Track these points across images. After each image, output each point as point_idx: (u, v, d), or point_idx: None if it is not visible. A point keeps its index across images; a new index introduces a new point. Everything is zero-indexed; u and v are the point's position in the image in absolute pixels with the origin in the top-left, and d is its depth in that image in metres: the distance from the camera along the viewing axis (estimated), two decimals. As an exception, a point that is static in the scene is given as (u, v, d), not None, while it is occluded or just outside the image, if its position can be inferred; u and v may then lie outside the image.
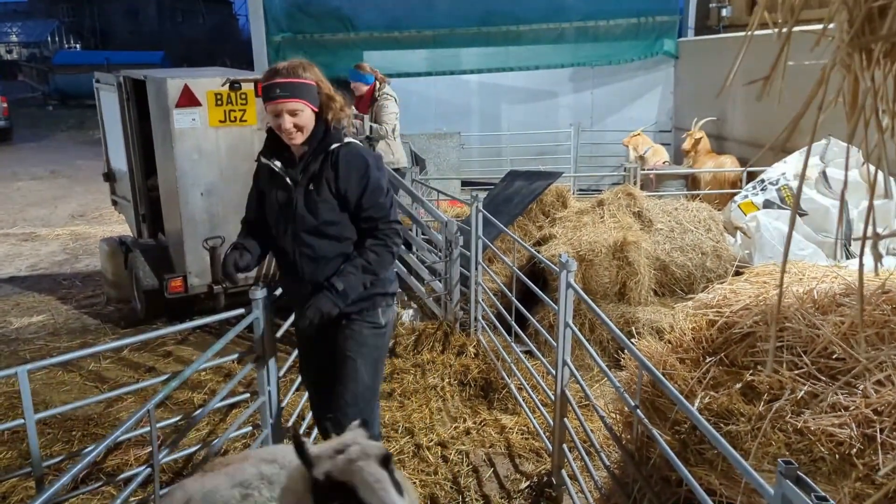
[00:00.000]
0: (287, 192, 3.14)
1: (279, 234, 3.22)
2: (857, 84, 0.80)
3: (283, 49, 12.04)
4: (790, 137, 0.95)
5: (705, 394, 2.63)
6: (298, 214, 3.10)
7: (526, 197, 6.78)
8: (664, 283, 5.79)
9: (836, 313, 2.62)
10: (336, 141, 3.09)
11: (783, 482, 1.57)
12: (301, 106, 2.98)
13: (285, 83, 2.96)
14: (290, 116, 2.96)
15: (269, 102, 2.98)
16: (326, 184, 3.07)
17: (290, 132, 3.00)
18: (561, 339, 3.74)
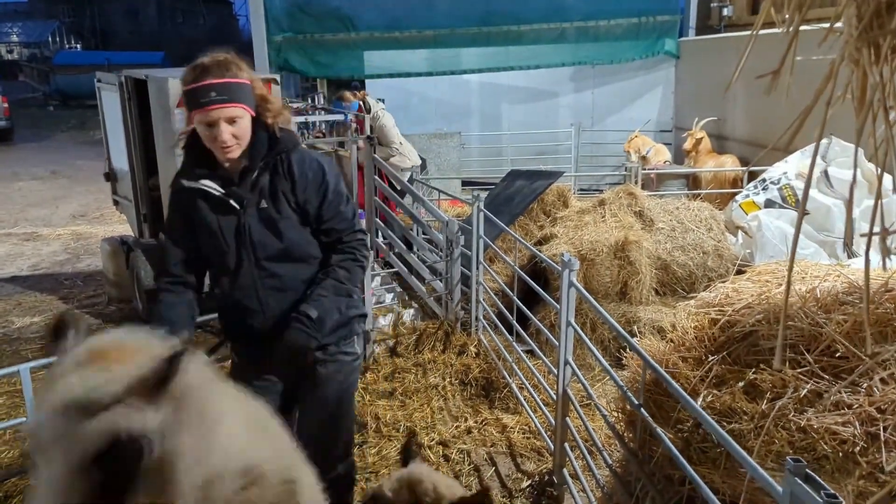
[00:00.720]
0: (234, 217, 2.63)
1: (231, 268, 2.68)
2: (865, 79, 0.80)
3: (284, 49, 12.06)
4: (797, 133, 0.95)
5: (708, 392, 2.63)
6: (256, 240, 2.63)
7: (527, 196, 6.78)
8: (665, 283, 5.79)
9: (840, 312, 2.63)
10: (287, 146, 2.63)
11: (792, 480, 1.57)
12: (241, 112, 2.49)
13: (220, 84, 2.43)
14: (227, 125, 2.46)
15: (200, 110, 2.42)
16: (284, 197, 2.62)
17: (228, 144, 2.49)
18: (563, 338, 3.74)
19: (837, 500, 1.47)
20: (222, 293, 2.77)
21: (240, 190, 2.60)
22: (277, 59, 11.91)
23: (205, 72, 2.43)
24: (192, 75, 2.45)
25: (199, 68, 2.46)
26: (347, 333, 2.86)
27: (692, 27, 12.71)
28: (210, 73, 2.44)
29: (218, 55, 2.52)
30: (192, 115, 2.48)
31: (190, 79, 2.45)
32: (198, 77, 2.43)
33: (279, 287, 2.68)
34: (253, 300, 2.70)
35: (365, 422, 4.61)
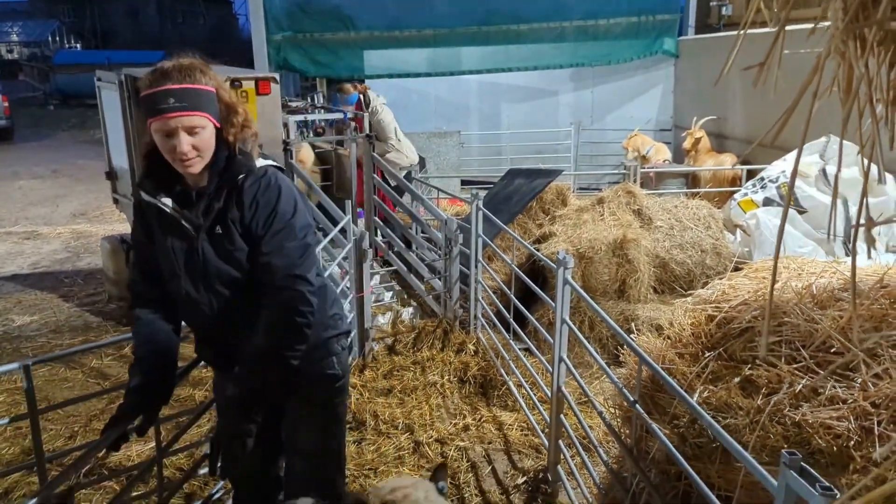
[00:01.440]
0: (187, 240, 2.41)
1: (184, 293, 2.49)
2: (851, 71, 0.81)
3: (284, 48, 12.07)
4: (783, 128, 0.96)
5: (704, 388, 2.64)
6: (211, 269, 2.41)
7: (526, 195, 6.80)
8: (664, 281, 5.81)
9: (835, 308, 2.64)
10: (244, 168, 2.36)
11: (787, 473, 1.58)
12: (202, 121, 2.26)
13: (180, 90, 2.22)
14: (187, 136, 2.24)
15: (157, 117, 2.22)
16: (233, 225, 2.38)
17: (188, 157, 2.27)
18: (558, 336, 3.75)
19: (833, 492, 1.48)
20: (185, 319, 2.64)
21: (193, 212, 2.38)
22: (277, 58, 11.92)
23: (164, 76, 2.24)
24: (149, 80, 2.26)
25: (159, 72, 2.26)
26: (324, 354, 2.65)
27: (692, 26, 12.72)
28: (169, 77, 2.23)
29: (182, 59, 2.32)
30: (149, 124, 2.27)
31: (147, 83, 2.26)
32: (156, 82, 2.24)
33: (234, 316, 2.48)
34: (207, 327, 2.56)
35: (363, 419, 4.62)
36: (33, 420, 2.74)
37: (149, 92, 2.24)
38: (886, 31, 0.81)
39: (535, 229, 6.81)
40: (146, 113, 2.26)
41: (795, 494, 1.62)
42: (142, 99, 2.28)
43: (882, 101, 0.85)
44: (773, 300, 2.83)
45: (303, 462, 2.75)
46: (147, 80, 2.27)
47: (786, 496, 1.65)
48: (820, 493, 1.50)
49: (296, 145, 6.88)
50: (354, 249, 5.14)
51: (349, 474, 4.03)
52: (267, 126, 6.36)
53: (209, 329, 2.58)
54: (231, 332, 2.53)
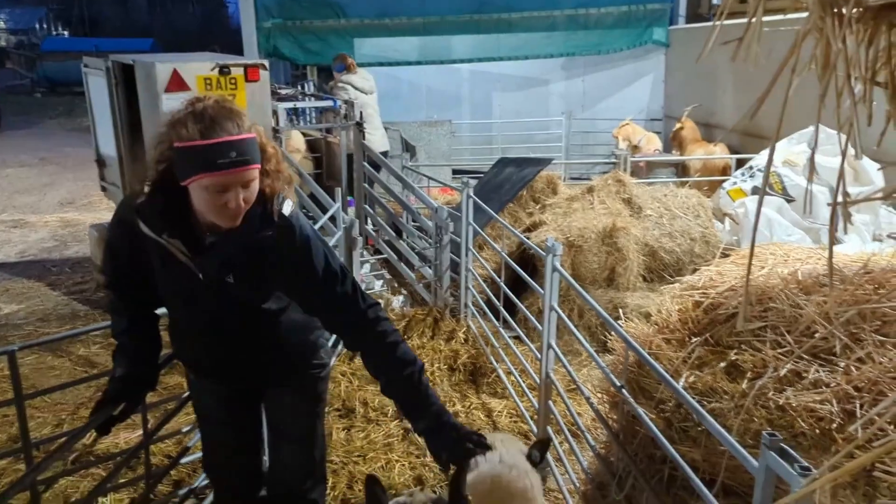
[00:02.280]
0: (189, 284, 2.26)
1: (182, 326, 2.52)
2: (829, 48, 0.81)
3: (273, 36, 12.02)
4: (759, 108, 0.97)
5: (690, 373, 2.66)
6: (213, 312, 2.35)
7: (516, 184, 6.80)
8: (653, 269, 5.83)
9: (820, 294, 2.66)
10: (282, 231, 2.21)
11: (767, 454, 1.60)
12: (255, 173, 2.08)
13: (241, 143, 1.99)
14: (243, 190, 2.05)
15: (215, 173, 1.97)
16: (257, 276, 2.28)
17: (240, 212, 2.09)
18: (546, 323, 3.76)
19: (811, 471, 1.50)
20: (171, 322, 2.57)
21: (209, 259, 2.21)
22: (266, 45, 11.87)
23: (216, 124, 1.97)
24: (198, 127, 1.97)
25: (207, 118, 1.98)
26: (315, 349, 2.65)
27: (682, 16, 12.73)
28: (222, 126, 1.98)
29: (219, 101, 2.05)
30: (195, 178, 2.00)
31: (196, 132, 1.96)
32: (209, 131, 1.96)
33: (232, 345, 2.46)
34: (204, 349, 2.50)
35: (353, 407, 4.63)
36: (19, 406, 2.73)
37: (202, 144, 1.96)
38: (864, 7, 0.81)
39: (526, 218, 6.82)
40: (196, 166, 1.98)
41: (775, 475, 1.64)
42: (186, 150, 1.98)
43: (861, 79, 0.86)
44: (760, 286, 2.85)
45: (293, 448, 2.75)
46: (193, 129, 1.97)
47: (766, 477, 1.67)
48: (799, 473, 1.52)
49: (285, 133, 6.86)
50: (344, 237, 5.14)
51: (338, 461, 4.04)
52: (256, 113, 6.33)
53: (202, 351, 2.52)
54: (227, 357, 2.50)
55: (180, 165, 2.03)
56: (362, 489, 3.76)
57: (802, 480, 1.51)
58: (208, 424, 2.77)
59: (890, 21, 0.82)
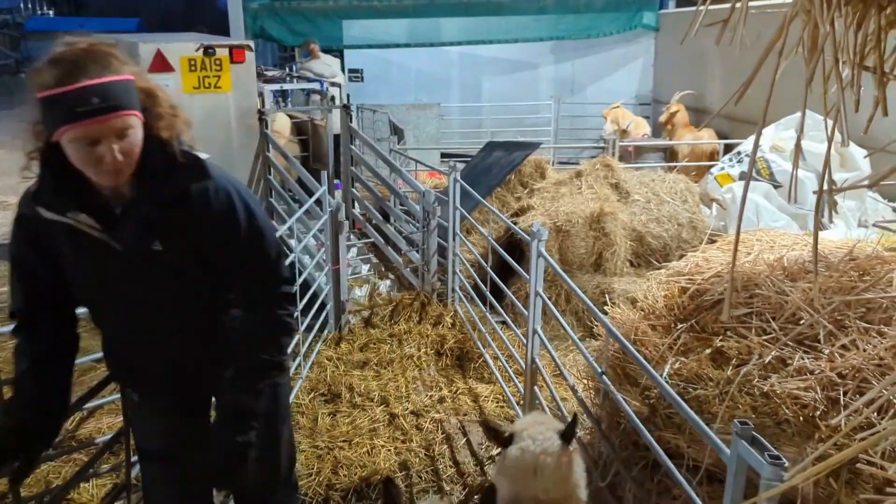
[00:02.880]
0: (116, 262, 1.97)
1: (115, 319, 2.17)
2: (816, 30, 0.79)
3: (260, 16, 11.87)
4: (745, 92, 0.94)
5: (675, 359, 2.65)
6: (147, 290, 2.05)
7: (504, 168, 6.76)
8: (640, 254, 5.82)
9: (805, 280, 2.66)
10: (193, 176, 1.97)
11: (738, 442, 1.60)
12: (133, 120, 1.82)
13: (105, 86, 1.74)
14: (117, 141, 1.79)
15: (77, 123, 1.72)
16: (182, 237, 2.00)
17: (119, 167, 1.81)
18: (532, 308, 3.75)
19: (781, 461, 1.49)
20: (104, 338, 2.25)
21: (124, 227, 1.93)
22: (253, 26, 11.73)
23: (76, 68, 1.72)
24: (53, 74, 1.73)
25: (66, 63, 1.74)
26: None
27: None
28: (85, 69, 1.73)
29: (87, 41, 1.80)
30: (60, 131, 1.75)
31: (52, 79, 1.72)
32: (66, 77, 1.72)
33: (180, 338, 2.16)
34: (141, 353, 2.19)
35: (339, 392, 4.61)
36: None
37: (57, 91, 1.71)
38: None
39: (514, 202, 6.79)
40: (55, 118, 1.74)
41: (745, 462, 1.63)
42: (45, 101, 1.74)
43: (848, 63, 0.83)
44: (746, 273, 2.84)
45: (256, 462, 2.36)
46: (49, 75, 1.73)
47: (737, 465, 1.67)
48: (768, 462, 1.52)
49: (271, 115, 6.79)
50: (330, 221, 5.10)
51: (323, 446, 4.02)
52: (242, 95, 6.27)
53: (144, 355, 2.21)
54: (175, 356, 2.20)
55: (46, 120, 1.78)
56: (347, 474, 3.77)
57: (771, 470, 1.51)
58: (153, 463, 2.40)
59: (879, 3, 0.80)
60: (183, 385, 2.26)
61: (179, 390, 2.28)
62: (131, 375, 2.31)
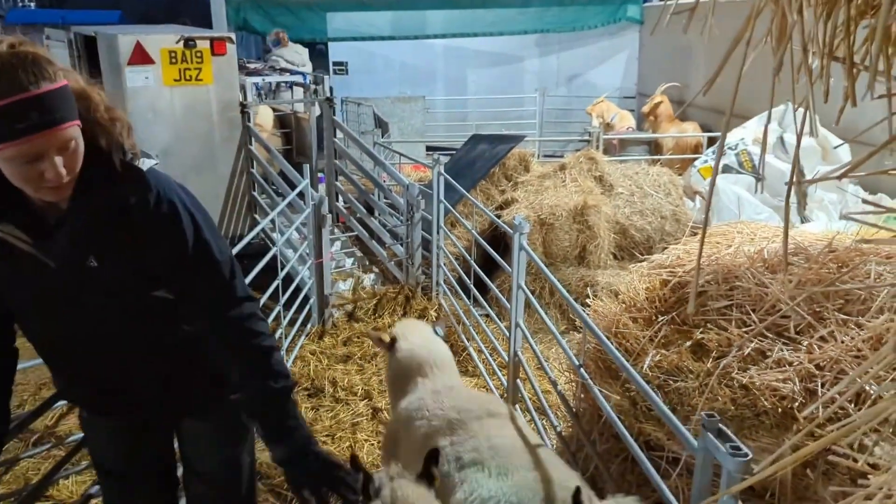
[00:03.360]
0: (49, 279, 1.83)
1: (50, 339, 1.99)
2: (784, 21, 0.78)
3: (243, 8, 11.78)
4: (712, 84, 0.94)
5: (656, 352, 2.66)
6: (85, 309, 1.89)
7: (489, 161, 6.75)
8: (623, 247, 5.84)
9: (785, 272, 2.66)
10: (133, 187, 1.80)
11: (705, 435, 1.60)
12: (75, 131, 1.66)
13: (41, 98, 1.57)
14: (60, 155, 1.64)
15: (14, 142, 1.56)
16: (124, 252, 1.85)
17: (60, 182, 1.66)
18: (514, 302, 3.75)
19: (742, 451, 1.50)
20: (44, 358, 2.06)
21: (57, 241, 1.78)
22: (236, 18, 11.64)
23: (7, 79, 1.54)
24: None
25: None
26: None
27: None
28: (14, 81, 1.54)
29: (7, 43, 1.61)
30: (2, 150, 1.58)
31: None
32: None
33: (122, 358, 1.99)
34: (84, 366, 2.01)
35: (321, 386, 4.60)
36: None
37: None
38: (823, -21, 0.78)
39: (498, 195, 6.79)
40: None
41: (710, 454, 1.64)
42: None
43: (818, 54, 0.83)
44: (726, 265, 2.85)
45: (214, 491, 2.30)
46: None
47: (705, 457, 1.68)
48: (731, 453, 1.52)
49: (254, 108, 6.74)
50: (313, 214, 5.07)
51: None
52: (223, 88, 6.22)
53: (85, 375, 2.04)
54: (118, 376, 2.02)
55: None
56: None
57: (734, 462, 1.52)
58: (110, 478, 2.27)
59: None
60: (135, 406, 2.10)
61: (131, 411, 2.12)
62: (75, 394, 2.19)
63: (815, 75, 0.87)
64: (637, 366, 2.66)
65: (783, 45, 0.78)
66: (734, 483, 1.45)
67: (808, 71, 0.81)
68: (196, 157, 6.12)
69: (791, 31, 0.77)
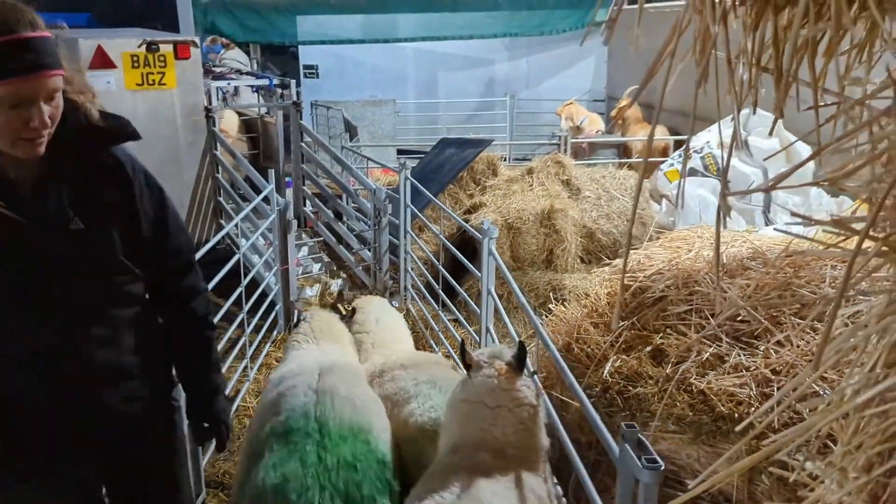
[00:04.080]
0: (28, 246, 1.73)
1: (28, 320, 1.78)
2: (708, 34, 0.77)
3: (211, 11, 11.65)
4: (645, 87, 0.93)
5: (617, 357, 2.66)
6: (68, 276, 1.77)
7: (456, 165, 6.74)
8: (590, 251, 5.85)
9: (743, 277, 2.68)
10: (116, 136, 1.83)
11: (623, 446, 1.60)
12: (62, 82, 1.66)
13: (40, 41, 1.58)
14: (46, 104, 1.62)
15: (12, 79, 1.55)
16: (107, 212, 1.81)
17: (42, 134, 1.64)
18: (484, 307, 3.74)
19: (658, 465, 1.51)
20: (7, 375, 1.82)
21: (37, 204, 1.72)
22: (204, 21, 11.50)
23: (8, 20, 1.55)
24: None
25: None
26: (168, 384, 2.17)
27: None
28: (18, 22, 1.55)
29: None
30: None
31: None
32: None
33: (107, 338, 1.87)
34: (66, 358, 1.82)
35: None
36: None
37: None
38: (748, -10, 0.77)
39: (466, 199, 6.77)
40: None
41: (626, 464, 1.64)
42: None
43: (747, 64, 0.82)
44: (686, 269, 2.86)
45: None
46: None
47: (624, 469, 1.68)
48: (645, 466, 1.52)
49: (219, 112, 6.66)
50: (279, 220, 5.01)
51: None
52: (187, 92, 6.14)
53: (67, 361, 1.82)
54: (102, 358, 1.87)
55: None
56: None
57: (648, 474, 1.52)
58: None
59: (776, 4, 0.78)
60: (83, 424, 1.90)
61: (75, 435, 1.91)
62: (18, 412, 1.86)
63: (745, 87, 0.86)
64: (598, 371, 2.66)
65: (704, 59, 0.77)
66: (650, 494, 1.46)
67: (732, 84, 0.80)
68: (160, 163, 6.01)
69: (712, 45, 0.76)
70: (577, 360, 2.77)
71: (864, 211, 0.82)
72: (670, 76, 0.79)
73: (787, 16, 0.84)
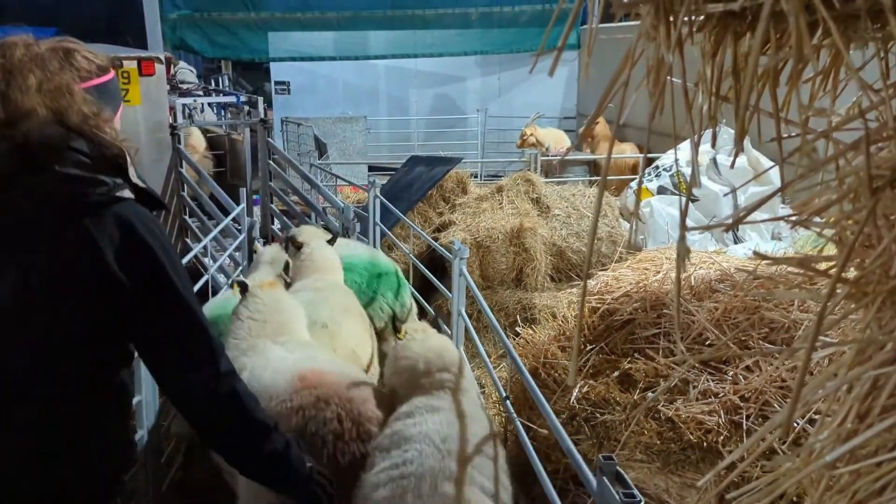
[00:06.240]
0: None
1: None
2: (662, 62, 0.72)
3: (180, 27, 11.54)
4: (598, 116, 0.88)
5: (584, 382, 2.60)
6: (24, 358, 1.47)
7: (426, 183, 6.69)
8: (560, 269, 5.82)
9: (712, 299, 2.65)
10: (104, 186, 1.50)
11: (601, 479, 1.54)
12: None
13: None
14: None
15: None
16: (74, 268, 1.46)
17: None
18: (455, 328, 3.68)
19: (637, 499, 1.45)
20: None
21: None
22: (173, 37, 11.39)
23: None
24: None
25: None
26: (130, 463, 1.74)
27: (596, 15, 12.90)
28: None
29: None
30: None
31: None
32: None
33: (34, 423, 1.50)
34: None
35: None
36: None
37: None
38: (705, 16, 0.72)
39: (436, 217, 6.72)
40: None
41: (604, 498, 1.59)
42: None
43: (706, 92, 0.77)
44: (654, 292, 2.82)
45: None
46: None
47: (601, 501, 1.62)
48: (622, 500, 1.47)
49: (185, 130, 6.54)
50: (247, 240, 4.91)
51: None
52: (152, 109, 6.02)
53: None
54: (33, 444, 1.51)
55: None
56: None
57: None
58: None
59: (735, 31, 0.74)
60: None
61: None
62: None
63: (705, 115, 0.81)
64: (565, 398, 2.60)
65: (658, 89, 0.72)
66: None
67: (690, 118, 0.75)
68: (123, 180, 5.88)
69: (666, 74, 0.71)
70: (544, 386, 2.71)
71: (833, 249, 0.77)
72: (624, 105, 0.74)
73: (748, 43, 0.80)
